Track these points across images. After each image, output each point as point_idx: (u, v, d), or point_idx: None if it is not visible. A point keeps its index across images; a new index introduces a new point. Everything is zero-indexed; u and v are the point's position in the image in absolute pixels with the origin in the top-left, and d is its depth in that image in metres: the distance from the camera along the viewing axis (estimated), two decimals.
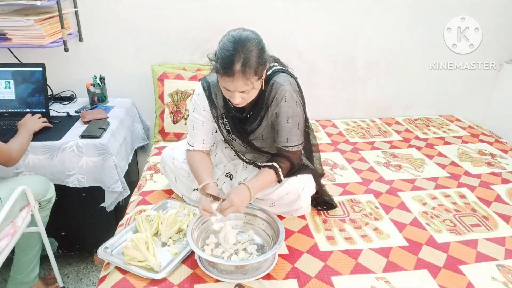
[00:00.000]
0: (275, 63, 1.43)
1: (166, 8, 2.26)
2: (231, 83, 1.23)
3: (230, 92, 1.27)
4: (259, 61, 1.22)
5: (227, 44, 1.21)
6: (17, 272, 1.69)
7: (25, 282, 1.70)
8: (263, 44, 1.26)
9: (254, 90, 1.29)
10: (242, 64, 1.19)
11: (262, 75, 1.29)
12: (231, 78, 1.21)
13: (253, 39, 1.22)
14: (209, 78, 1.47)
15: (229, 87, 1.25)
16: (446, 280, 1.27)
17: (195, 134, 1.50)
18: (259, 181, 1.38)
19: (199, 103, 1.46)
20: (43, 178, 1.70)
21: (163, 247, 1.38)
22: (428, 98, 2.72)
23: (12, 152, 1.53)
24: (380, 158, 2.10)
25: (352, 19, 2.42)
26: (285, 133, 1.40)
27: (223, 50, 1.21)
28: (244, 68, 1.19)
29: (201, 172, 1.43)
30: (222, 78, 1.24)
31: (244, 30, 1.25)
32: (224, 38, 1.25)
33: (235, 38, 1.21)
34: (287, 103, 1.37)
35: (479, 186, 1.84)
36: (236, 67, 1.19)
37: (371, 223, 1.56)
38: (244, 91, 1.25)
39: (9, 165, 1.54)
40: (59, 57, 2.22)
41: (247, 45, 1.20)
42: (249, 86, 1.24)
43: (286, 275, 1.27)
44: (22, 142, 1.61)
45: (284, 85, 1.35)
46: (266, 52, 1.27)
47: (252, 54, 1.20)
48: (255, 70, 1.22)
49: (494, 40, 2.55)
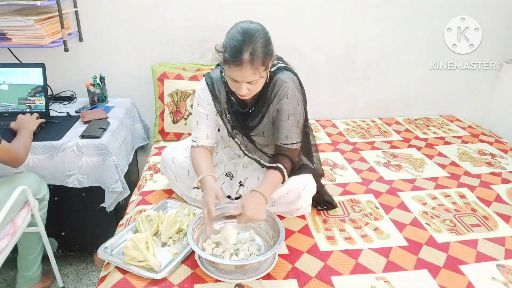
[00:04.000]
0: (279, 61, 1.44)
1: (166, 8, 2.26)
2: (239, 72, 1.24)
3: (237, 83, 1.29)
4: (266, 51, 1.25)
5: (235, 34, 1.24)
6: (25, 270, 1.73)
7: (34, 278, 1.76)
8: (269, 35, 1.29)
9: (260, 81, 1.31)
10: (250, 53, 1.21)
11: (268, 66, 1.31)
12: (239, 67, 1.23)
13: (260, 30, 1.26)
14: (212, 73, 1.49)
15: (236, 77, 1.26)
16: (446, 280, 1.27)
17: (199, 129, 1.50)
18: (268, 184, 1.38)
19: (203, 98, 1.47)
20: (35, 176, 1.70)
21: (163, 247, 1.38)
22: (428, 98, 2.72)
23: (19, 151, 1.53)
24: (380, 158, 2.10)
25: (352, 19, 2.42)
26: (285, 130, 1.41)
27: (232, 40, 1.23)
28: (252, 58, 1.22)
29: (201, 165, 1.42)
30: (230, 68, 1.25)
31: (251, 22, 1.28)
32: (232, 29, 1.27)
33: (243, 29, 1.24)
34: (289, 100, 1.38)
35: (479, 186, 1.84)
36: (245, 56, 1.21)
37: (371, 223, 1.56)
38: (251, 81, 1.27)
39: (16, 165, 1.55)
40: (59, 57, 2.22)
41: (255, 35, 1.23)
42: (257, 76, 1.26)
43: (286, 275, 1.27)
44: (26, 142, 1.61)
45: (287, 82, 1.37)
46: (272, 44, 1.29)
47: (259, 44, 1.23)
48: (263, 60, 1.24)
49: (494, 40, 2.55)
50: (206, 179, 1.36)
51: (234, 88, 1.32)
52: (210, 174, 1.38)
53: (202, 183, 1.37)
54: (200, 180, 1.37)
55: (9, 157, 1.49)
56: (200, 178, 1.37)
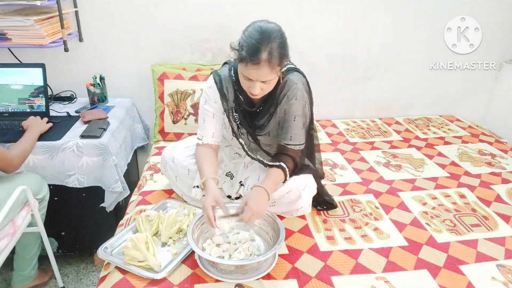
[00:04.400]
0: (288, 62, 1.44)
1: (166, 8, 2.26)
2: (255, 71, 1.24)
3: (251, 82, 1.28)
4: (283, 52, 1.25)
5: (253, 33, 1.23)
6: (21, 269, 1.74)
7: (30, 276, 1.77)
8: (285, 37, 1.28)
9: (273, 81, 1.30)
10: (268, 53, 1.21)
11: (283, 67, 1.31)
12: (256, 66, 1.22)
13: (277, 31, 1.25)
14: (220, 71, 1.48)
15: (252, 75, 1.26)
16: (446, 280, 1.27)
17: (205, 127, 1.50)
18: (272, 181, 1.38)
19: (211, 96, 1.47)
20: (37, 176, 1.70)
21: (163, 247, 1.38)
22: (428, 98, 2.72)
23: (13, 159, 1.53)
24: (380, 158, 2.10)
25: (352, 19, 2.42)
26: (291, 130, 1.41)
27: (249, 39, 1.22)
28: (270, 57, 1.21)
29: (205, 166, 1.43)
30: (246, 66, 1.24)
31: (269, 22, 1.27)
32: (249, 27, 1.26)
33: (261, 28, 1.23)
34: (298, 102, 1.38)
35: (479, 186, 1.84)
36: (263, 56, 1.20)
37: (371, 223, 1.56)
38: (265, 81, 1.27)
39: (9, 171, 1.55)
40: (59, 57, 2.22)
41: (273, 35, 1.22)
42: (274, 75, 1.26)
43: (286, 275, 1.27)
44: (25, 147, 1.61)
45: (297, 83, 1.38)
46: (288, 45, 1.28)
47: (277, 44, 1.22)
48: (280, 60, 1.24)
49: (494, 40, 2.55)
50: (207, 182, 1.36)
51: (247, 87, 1.32)
52: (212, 177, 1.38)
53: (204, 186, 1.38)
54: (202, 183, 1.39)
55: (1, 162, 1.49)
56: (203, 181, 1.38)
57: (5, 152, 1.50)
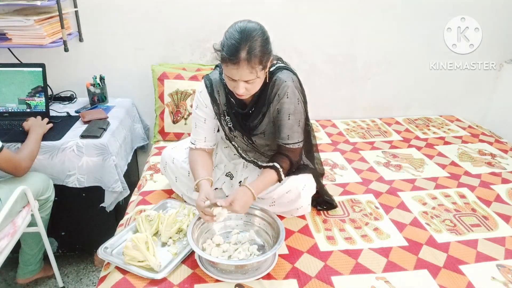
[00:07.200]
0: (278, 61, 1.44)
1: (166, 8, 2.26)
2: (236, 71, 1.24)
3: (234, 82, 1.28)
4: (264, 50, 1.24)
5: (233, 33, 1.24)
6: (26, 264, 1.78)
7: (34, 270, 1.82)
8: (267, 35, 1.28)
9: (258, 81, 1.30)
10: (247, 52, 1.21)
11: (267, 65, 1.30)
12: (236, 65, 1.22)
13: (258, 29, 1.25)
14: (211, 75, 1.48)
15: (233, 75, 1.26)
16: (446, 280, 1.27)
17: (197, 132, 1.51)
18: (261, 183, 1.39)
19: (202, 101, 1.47)
20: (43, 175, 1.71)
21: (163, 247, 1.38)
22: (428, 98, 2.72)
23: (21, 162, 1.54)
24: (380, 158, 2.10)
25: (352, 19, 2.42)
26: (286, 129, 1.41)
27: (229, 39, 1.23)
28: (249, 56, 1.21)
29: (199, 169, 1.44)
30: (227, 66, 1.25)
31: (250, 22, 1.27)
32: (230, 28, 1.27)
33: (241, 28, 1.24)
34: (289, 100, 1.38)
35: (479, 186, 1.84)
36: (242, 55, 1.21)
37: (371, 223, 1.56)
38: (248, 80, 1.27)
39: (19, 174, 1.56)
40: (59, 57, 2.22)
41: (253, 34, 1.22)
42: (254, 75, 1.26)
43: (286, 275, 1.27)
44: (32, 149, 1.62)
45: (286, 81, 1.37)
46: (270, 43, 1.29)
47: (257, 43, 1.22)
48: (260, 59, 1.24)
49: (494, 40, 2.55)
50: (200, 183, 1.38)
51: (232, 87, 1.32)
52: (205, 178, 1.39)
53: (198, 187, 1.39)
54: (196, 184, 1.40)
55: (10, 166, 1.49)
56: (196, 183, 1.40)
57: (13, 156, 1.50)
